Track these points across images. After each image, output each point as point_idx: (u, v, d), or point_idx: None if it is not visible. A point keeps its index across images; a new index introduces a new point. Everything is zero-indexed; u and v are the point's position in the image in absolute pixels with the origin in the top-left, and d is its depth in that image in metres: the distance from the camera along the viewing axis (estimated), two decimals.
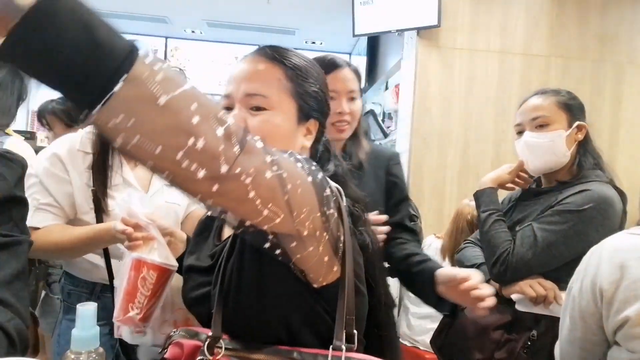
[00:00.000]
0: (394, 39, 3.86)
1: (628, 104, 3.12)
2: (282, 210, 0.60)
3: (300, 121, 0.84)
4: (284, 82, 0.82)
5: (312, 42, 5.59)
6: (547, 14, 3.06)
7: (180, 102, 0.49)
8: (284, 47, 0.87)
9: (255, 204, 0.57)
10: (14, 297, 0.71)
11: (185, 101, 0.50)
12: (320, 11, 4.50)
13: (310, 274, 0.71)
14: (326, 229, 0.68)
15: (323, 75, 0.90)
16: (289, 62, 0.84)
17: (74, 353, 0.69)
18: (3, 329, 0.67)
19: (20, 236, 0.77)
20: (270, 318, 0.74)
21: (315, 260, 0.69)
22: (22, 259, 0.76)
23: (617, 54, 3.12)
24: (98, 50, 0.45)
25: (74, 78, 0.45)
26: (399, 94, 3.38)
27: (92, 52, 0.45)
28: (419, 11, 2.87)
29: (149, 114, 0.48)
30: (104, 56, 0.46)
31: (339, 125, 1.33)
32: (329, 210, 0.68)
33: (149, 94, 0.47)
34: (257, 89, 0.80)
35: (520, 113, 1.50)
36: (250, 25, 5.08)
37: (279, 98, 0.81)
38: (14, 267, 0.73)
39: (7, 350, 0.66)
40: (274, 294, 0.74)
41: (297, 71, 0.84)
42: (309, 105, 0.85)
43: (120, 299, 0.96)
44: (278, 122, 0.80)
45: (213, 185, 0.53)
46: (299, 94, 0.83)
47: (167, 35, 5.71)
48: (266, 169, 0.57)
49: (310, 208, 0.64)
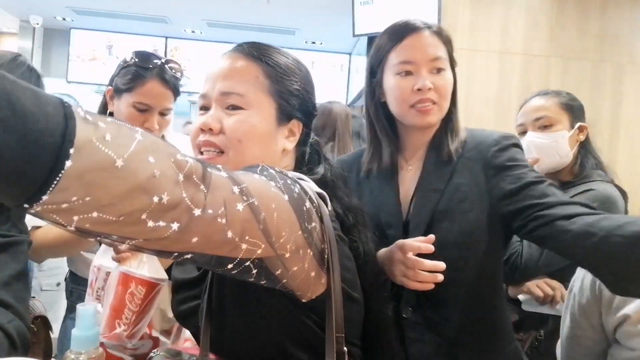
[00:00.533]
0: None
1: (628, 104, 3.12)
2: (261, 239, 0.56)
3: (281, 122, 0.79)
4: (262, 80, 0.77)
5: (312, 42, 5.59)
6: (547, 14, 3.06)
7: (137, 158, 0.43)
8: (265, 44, 0.82)
9: (234, 241, 0.53)
10: (14, 298, 0.71)
11: (142, 155, 0.44)
12: (320, 11, 4.50)
13: (297, 291, 0.67)
14: (309, 245, 0.65)
15: (309, 74, 0.85)
16: (268, 60, 0.79)
17: (74, 353, 0.69)
18: (4, 330, 0.66)
19: (19, 236, 0.76)
20: (258, 337, 0.71)
21: (302, 278, 0.66)
22: (21, 259, 0.76)
23: (617, 54, 3.12)
24: (30, 127, 0.37)
25: (7, 168, 0.37)
26: None
27: (24, 132, 0.37)
28: (419, 11, 2.87)
29: (107, 182, 0.41)
30: (40, 132, 0.37)
31: (419, 106, 1.01)
32: (310, 224, 0.64)
33: (104, 159, 0.41)
34: (232, 87, 0.76)
35: (523, 114, 1.50)
36: (250, 25, 5.07)
37: (256, 97, 0.76)
38: (13, 268, 0.73)
39: (9, 351, 0.66)
40: (260, 313, 0.70)
41: (277, 69, 0.79)
42: (290, 105, 0.79)
43: (106, 315, 0.91)
44: (255, 122, 0.75)
45: (191, 236, 0.49)
46: (279, 92, 0.78)
47: (167, 35, 5.71)
48: (236, 201, 0.53)
49: (290, 228, 0.61)
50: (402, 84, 1.03)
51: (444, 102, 1.04)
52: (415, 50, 1.03)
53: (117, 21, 5.34)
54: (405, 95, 1.02)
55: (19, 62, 1.28)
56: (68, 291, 1.44)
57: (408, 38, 1.04)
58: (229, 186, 0.54)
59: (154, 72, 1.29)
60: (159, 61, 1.31)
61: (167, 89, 1.31)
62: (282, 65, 0.80)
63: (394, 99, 1.05)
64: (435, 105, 1.03)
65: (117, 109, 1.31)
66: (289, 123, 0.80)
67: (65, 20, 5.49)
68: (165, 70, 1.30)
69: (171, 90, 1.32)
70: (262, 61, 0.78)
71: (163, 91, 1.30)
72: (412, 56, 1.03)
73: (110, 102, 1.34)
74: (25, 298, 0.74)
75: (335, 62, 5.81)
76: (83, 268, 1.40)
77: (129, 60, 1.30)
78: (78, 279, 1.42)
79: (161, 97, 1.30)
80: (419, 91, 1.01)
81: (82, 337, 0.69)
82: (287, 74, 0.80)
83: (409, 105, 1.02)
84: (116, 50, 5.70)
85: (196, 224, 0.49)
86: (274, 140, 0.78)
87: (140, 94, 1.28)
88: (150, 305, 0.93)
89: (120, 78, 1.30)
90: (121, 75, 1.30)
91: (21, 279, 0.74)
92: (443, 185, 1.03)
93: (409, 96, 1.02)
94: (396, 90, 1.04)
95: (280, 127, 0.79)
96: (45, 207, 0.40)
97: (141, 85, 1.28)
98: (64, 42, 5.69)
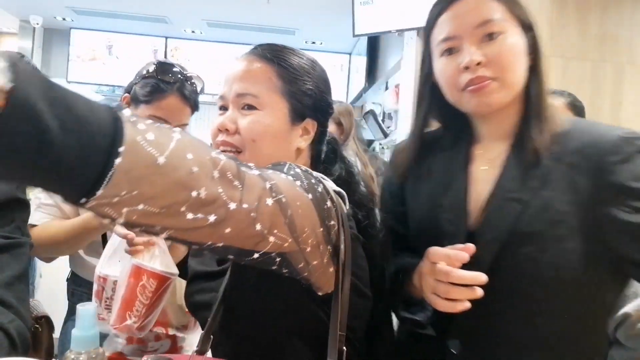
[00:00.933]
0: (394, 39, 3.86)
1: (628, 104, 3.12)
2: (287, 234, 0.60)
3: (295, 121, 0.81)
4: (274, 81, 0.80)
5: (312, 42, 5.59)
6: (547, 14, 3.06)
7: (177, 155, 0.48)
8: (280, 45, 0.85)
9: (263, 234, 0.57)
10: (16, 298, 0.71)
11: (181, 152, 0.48)
12: (320, 11, 4.50)
13: (316, 284, 0.71)
14: (328, 241, 0.68)
15: (323, 73, 0.87)
16: (281, 61, 0.82)
17: (74, 353, 0.69)
18: (4, 330, 0.67)
19: (21, 238, 0.77)
20: (271, 322, 0.75)
21: (321, 272, 0.69)
22: (23, 260, 0.76)
23: (617, 54, 3.12)
24: (86, 129, 0.42)
25: (68, 166, 0.41)
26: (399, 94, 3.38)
27: (81, 133, 0.41)
28: (419, 11, 2.87)
29: (151, 177, 0.46)
30: (94, 134, 0.42)
31: (471, 87, 0.80)
32: (329, 222, 0.68)
33: (148, 157, 0.46)
34: (247, 89, 0.79)
35: None
36: (250, 25, 5.07)
37: (270, 97, 0.79)
38: (15, 269, 0.73)
39: (9, 351, 0.66)
40: (278, 299, 0.73)
41: (290, 70, 0.81)
42: (304, 105, 0.82)
43: (117, 306, 0.93)
44: (268, 122, 0.79)
45: (225, 228, 0.53)
46: (292, 92, 0.81)
47: (167, 35, 5.71)
48: (267, 196, 0.57)
49: (312, 225, 0.64)
50: (447, 65, 0.84)
51: (507, 75, 0.80)
52: (455, 21, 0.82)
53: (117, 21, 5.34)
54: (453, 78, 0.83)
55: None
56: (70, 292, 1.44)
57: (449, 8, 0.83)
58: (261, 183, 0.57)
59: (175, 86, 1.26)
60: (180, 75, 1.27)
61: (186, 105, 1.28)
62: (295, 66, 0.82)
63: (443, 84, 0.86)
64: (493, 81, 0.79)
65: None
66: (303, 122, 0.83)
67: (65, 20, 5.49)
68: (185, 86, 1.27)
69: (190, 106, 1.29)
70: (275, 62, 0.81)
71: (182, 107, 1.28)
72: (452, 30, 0.82)
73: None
74: (26, 299, 0.75)
75: (335, 62, 5.81)
76: (85, 269, 1.40)
77: (150, 71, 1.26)
78: (80, 280, 1.42)
79: (179, 113, 1.28)
80: (466, 69, 0.80)
81: (82, 337, 0.69)
82: (300, 75, 0.82)
83: (460, 89, 0.82)
84: (116, 50, 5.70)
85: (231, 217, 0.53)
86: (287, 139, 0.81)
87: (158, 107, 1.25)
88: (161, 298, 0.95)
89: (139, 88, 1.27)
90: (141, 86, 1.27)
91: (22, 280, 0.75)
92: (528, 196, 0.78)
93: (456, 78, 0.82)
94: (442, 74, 0.86)
95: (294, 126, 0.82)
96: (99, 202, 0.44)
97: (160, 99, 1.25)
98: (64, 42, 5.69)
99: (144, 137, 0.46)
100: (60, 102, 0.41)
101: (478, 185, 0.85)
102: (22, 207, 0.80)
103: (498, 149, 0.85)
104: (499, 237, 0.78)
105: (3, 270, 0.71)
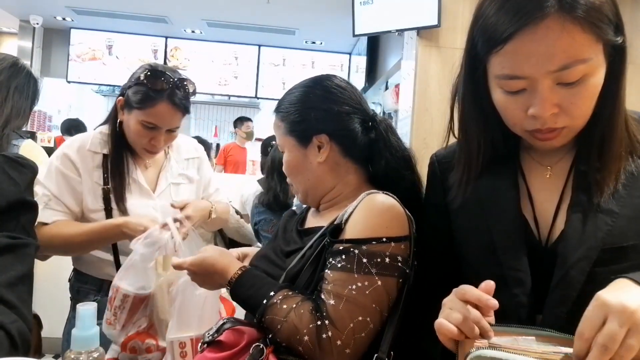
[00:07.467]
0: (394, 39, 3.86)
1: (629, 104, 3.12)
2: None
3: (304, 145, 0.96)
4: (282, 128, 0.98)
5: (312, 42, 5.59)
6: None
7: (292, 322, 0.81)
8: (285, 96, 1.01)
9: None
10: (18, 299, 0.71)
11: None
12: (320, 11, 4.50)
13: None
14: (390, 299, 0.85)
15: (316, 89, 0.97)
16: (281, 109, 0.99)
17: (74, 353, 0.69)
18: (6, 330, 0.67)
19: (26, 239, 0.77)
20: None
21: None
22: (27, 262, 0.76)
23: None
24: (252, 303, 0.86)
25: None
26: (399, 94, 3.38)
27: (251, 305, 0.87)
28: (419, 11, 2.87)
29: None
30: (256, 306, 0.84)
31: (539, 135, 0.71)
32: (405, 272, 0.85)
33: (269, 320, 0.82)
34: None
35: None
36: (250, 25, 5.07)
37: (281, 142, 0.99)
38: (19, 270, 0.73)
39: (9, 351, 0.66)
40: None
41: (284, 112, 0.97)
42: (302, 130, 0.96)
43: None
44: (287, 160, 0.98)
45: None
46: (290, 129, 0.97)
47: (167, 35, 5.71)
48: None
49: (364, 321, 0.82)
50: (510, 104, 0.70)
51: (580, 122, 0.69)
52: (529, 61, 0.64)
53: (117, 21, 5.34)
54: (516, 119, 0.71)
55: (19, 67, 1.30)
56: (75, 290, 1.44)
57: (522, 33, 0.63)
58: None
59: (165, 94, 1.30)
60: (170, 83, 1.31)
61: (177, 111, 1.33)
62: (286, 105, 0.98)
63: (503, 115, 0.74)
64: (563, 129, 0.69)
65: (127, 122, 1.35)
66: (310, 142, 0.96)
67: (65, 20, 5.50)
68: (175, 93, 1.31)
69: (181, 111, 1.34)
70: (278, 112, 1.00)
71: (173, 113, 1.32)
72: (522, 71, 0.65)
73: (121, 112, 1.36)
74: (29, 301, 0.75)
75: (335, 62, 5.81)
76: (90, 265, 1.41)
77: (142, 78, 1.30)
78: (84, 277, 1.42)
79: (170, 119, 1.33)
80: (532, 118, 0.68)
81: (82, 337, 0.70)
82: (290, 111, 0.97)
83: (523, 130, 0.72)
84: (116, 50, 5.71)
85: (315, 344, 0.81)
86: (306, 163, 0.97)
87: (149, 114, 1.30)
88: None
89: (132, 94, 1.31)
90: (133, 92, 1.31)
91: (26, 281, 0.75)
92: (618, 206, 0.68)
93: (521, 120, 0.70)
94: (503, 110, 0.73)
95: (307, 149, 0.96)
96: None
97: (151, 106, 1.29)
98: (63, 42, 5.70)
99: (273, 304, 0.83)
100: (260, 287, 0.87)
101: (541, 192, 0.76)
102: (29, 209, 0.80)
103: (557, 155, 0.76)
104: (589, 255, 0.68)
105: (7, 271, 0.71)
